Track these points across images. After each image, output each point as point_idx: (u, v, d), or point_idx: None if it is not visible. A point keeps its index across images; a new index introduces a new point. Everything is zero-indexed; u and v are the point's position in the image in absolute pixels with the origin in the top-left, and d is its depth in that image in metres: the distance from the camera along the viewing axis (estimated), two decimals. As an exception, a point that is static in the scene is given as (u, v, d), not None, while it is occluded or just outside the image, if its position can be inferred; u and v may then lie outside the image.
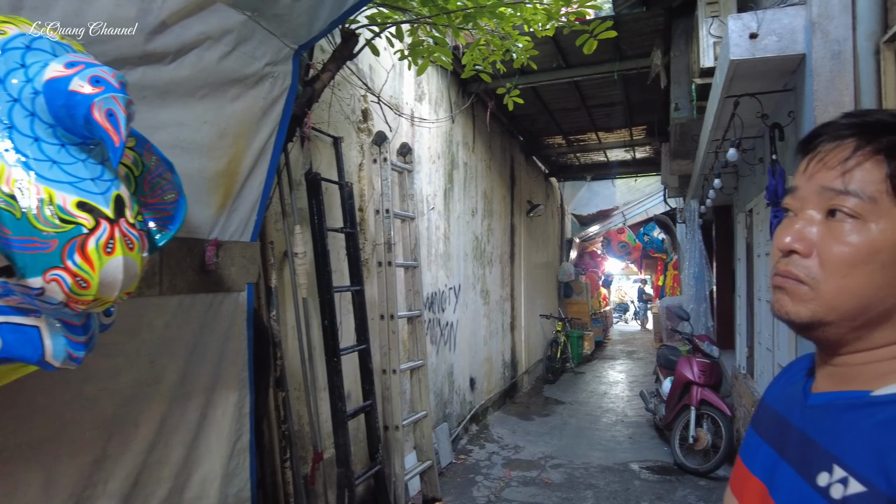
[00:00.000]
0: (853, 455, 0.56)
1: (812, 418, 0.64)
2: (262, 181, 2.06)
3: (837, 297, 0.60)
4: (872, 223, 0.57)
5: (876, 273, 0.57)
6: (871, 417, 0.57)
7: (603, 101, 6.54)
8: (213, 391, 1.97)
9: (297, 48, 2.04)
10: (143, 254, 1.08)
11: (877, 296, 0.58)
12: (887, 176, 0.56)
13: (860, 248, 0.58)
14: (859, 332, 0.61)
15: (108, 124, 0.93)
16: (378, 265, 3.57)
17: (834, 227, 0.60)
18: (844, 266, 0.59)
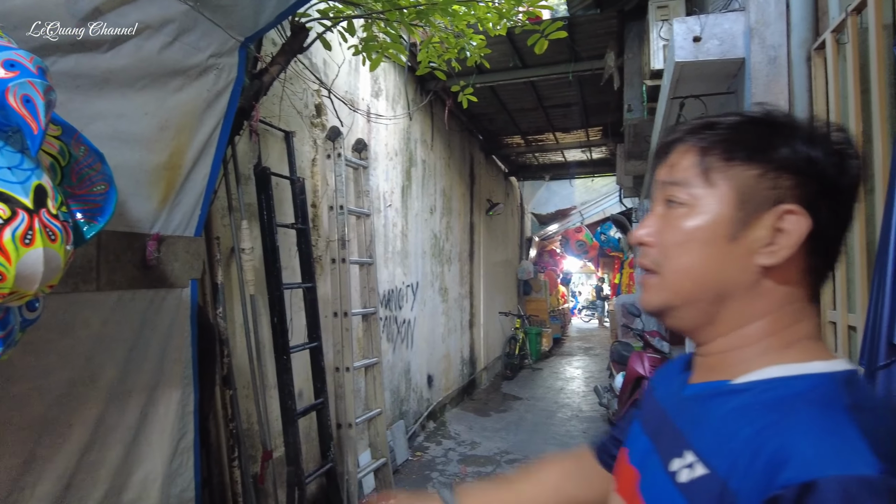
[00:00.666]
0: (702, 441, 0.59)
1: (683, 409, 0.67)
2: (206, 175, 2.02)
3: (676, 279, 0.64)
4: (694, 206, 0.63)
5: (702, 251, 0.62)
6: (725, 405, 0.60)
7: (559, 102, 6.64)
8: (155, 389, 1.92)
9: (244, 40, 2.00)
10: (68, 246, 1.05)
11: (707, 273, 0.63)
12: (697, 163, 0.63)
13: (685, 230, 0.63)
14: (707, 316, 0.65)
15: (25, 111, 0.90)
16: (332, 262, 3.54)
17: (668, 215, 0.65)
18: (676, 248, 0.64)
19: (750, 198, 0.60)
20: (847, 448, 0.49)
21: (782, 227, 0.60)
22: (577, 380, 8.96)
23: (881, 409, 0.55)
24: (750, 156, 0.61)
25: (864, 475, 0.47)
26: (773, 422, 0.54)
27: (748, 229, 0.61)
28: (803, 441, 0.50)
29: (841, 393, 0.55)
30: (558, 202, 12.07)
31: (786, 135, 0.61)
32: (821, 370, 0.59)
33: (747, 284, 0.62)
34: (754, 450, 0.53)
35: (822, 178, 0.60)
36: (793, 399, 0.56)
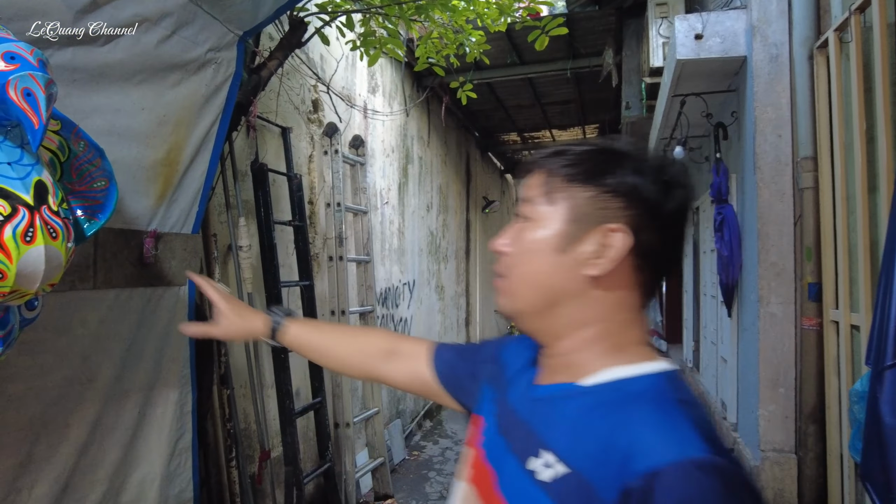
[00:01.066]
0: (558, 440, 0.65)
1: (534, 410, 0.72)
2: (203, 171, 1.99)
3: (518, 285, 0.72)
4: (537, 221, 0.71)
5: (538, 260, 0.70)
6: (575, 405, 0.66)
7: (557, 99, 6.63)
8: (153, 389, 1.89)
9: (242, 34, 1.97)
10: (69, 243, 1.02)
11: (541, 280, 0.70)
12: (543, 183, 0.71)
13: (528, 241, 0.71)
14: (546, 320, 0.72)
15: (26, 104, 0.87)
16: (329, 260, 3.51)
17: (518, 228, 0.73)
18: (519, 257, 0.72)
19: (581, 216, 0.68)
20: (682, 437, 0.57)
21: (607, 243, 0.67)
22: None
23: (697, 402, 0.64)
24: (585, 180, 0.68)
25: (696, 458, 0.55)
26: (620, 419, 0.61)
27: (578, 243, 0.68)
28: (648, 435, 0.58)
29: (669, 390, 0.64)
30: (554, 200, 12.07)
31: (617, 164, 0.68)
32: (652, 370, 0.67)
33: (576, 292, 0.69)
34: (607, 446, 0.59)
35: (645, 203, 0.67)
36: (633, 397, 0.63)
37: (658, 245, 0.68)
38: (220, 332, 1.10)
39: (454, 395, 0.97)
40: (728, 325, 3.11)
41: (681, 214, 0.69)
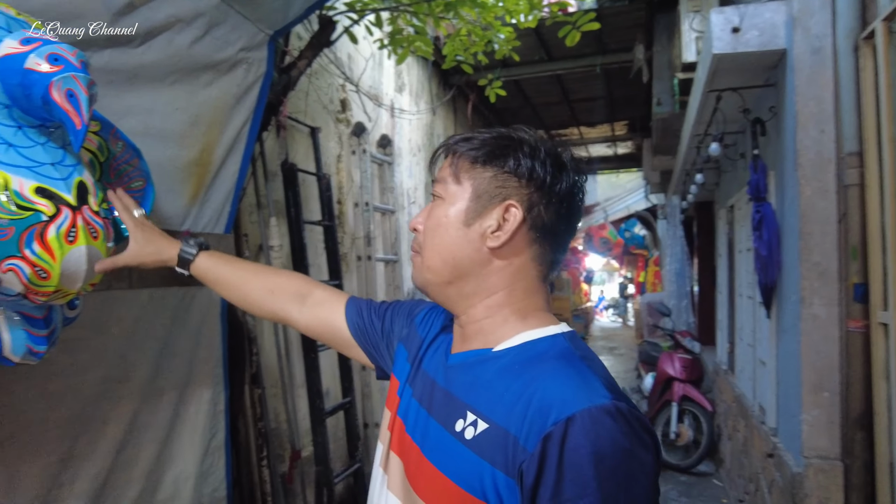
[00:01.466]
0: (479, 400, 0.72)
1: (451, 377, 0.79)
2: (235, 171, 2.00)
3: (429, 257, 0.79)
4: (445, 199, 0.79)
5: (445, 233, 0.77)
6: (491, 368, 0.74)
7: (585, 96, 6.55)
8: (186, 388, 1.91)
9: (273, 34, 1.97)
10: (109, 243, 1.02)
11: (449, 251, 0.77)
12: (450, 164, 0.79)
13: (437, 217, 0.79)
14: (456, 290, 0.79)
15: (69, 105, 0.87)
16: (357, 259, 3.52)
17: (432, 208, 0.81)
18: (430, 232, 0.79)
19: (483, 193, 0.76)
20: (588, 387, 0.65)
21: (505, 217, 0.75)
22: (601, 378, 8.85)
23: (595, 357, 0.74)
24: (486, 161, 0.77)
25: (603, 404, 0.63)
26: (533, 376, 0.68)
27: (481, 218, 0.76)
28: (559, 387, 0.65)
29: (571, 347, 0.73)
30: (581, 198, 11.92)
31: (515, 148, 0.76)
32: (553, 332, 0.76)
33: (481, 263, 0.77)
34: (525, 400, 0.66)
35: (537, 182, 0.75)
36: (540, 356, 0.71)
37: (549, 220, 0.77)
38: (129, 257, 1.09)
39: (365, 349, 1.02)
40: (766, 326, 3.02)
41: (569, 193, 0.77)
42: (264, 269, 1.20)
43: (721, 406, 4.70)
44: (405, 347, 0.93)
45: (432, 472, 0.73)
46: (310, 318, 1.06)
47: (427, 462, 0.74)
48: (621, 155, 9.73)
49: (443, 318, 0.92)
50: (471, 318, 0.79)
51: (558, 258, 0.81)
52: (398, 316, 1.00)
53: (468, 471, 0.68)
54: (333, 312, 1.04)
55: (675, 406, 4.74)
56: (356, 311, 1.03)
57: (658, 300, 8.15)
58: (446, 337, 0.86)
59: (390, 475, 0.82)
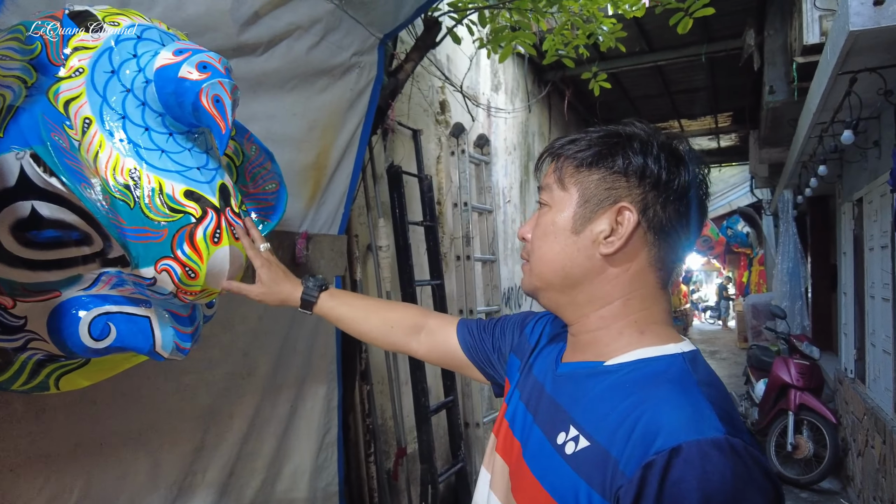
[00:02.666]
0: (584, 416, 0.68)
1: (559, 385, 0.76)
2: (349, 174, 2.05)
3: (538, 266, 0.77)
4: (552, 206, 0.76)
5: (554, 242, 0.75)
6: (600, 384, 0.69)
7: (687, 87, 6.22)
8: (303, 384, 1.98)
9: (383, 37, 2.00)
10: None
11: (558, 261, 0.74)
12: (554, 170, 0.77)
13: (544, 225, 0.76)
14: (566, 298, 0.76)
15: (216, 111, 0.91)
16: (456, 259, 3.52)
17: (538, 215, 0.79)
18: (538, 241, 0.77)
19: (591, 197, 0.72)
20: (700, 417, 0.60)
21: (618, 221, 0.71)
22: (703, 384, 8.38)
23: (718, 383, 0.67)
24: (593, 163, 0.73)
25: (714, 437, 0.57)
26: (642, 398, 0.63)
27: (591, 224, 0.72)
28: (668, 414, 0.60)
29: (690, 370, 0.66)
30: (680, 194, 11.35)
31: (623, 146, 0.72)
32: (672, 351, 0.69)
33: (594, 271, 0.73)
34: (631, 423, 0.61)
35: (649, 180, 0.70)
36: (654, 377, 0.66)
37: (668, 220, 0.71)
38: (255, 294, 1.11)
39: (479, 366, 1.02)
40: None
41: (688, 189, 0.71)
42: (380, 305, 1.23)
43: (847, 418, 4.30)
44: (516, 356, 0.92)
45: (530, 479, 0.71)
46: (428, 347, 1.09)
47: (526, 468, 0.73)
48: (724, 148, 9.18)
49: (555, 325, 0.89)
50: (584, 328, 0.75)
51: (679, 260, 0.76)
52: (508, 328, 1.00)
53: (565, 486, 0.66)
54: (447, 337, 1.06)
55: (791, 416, 4.38)
56: (467, 332, 1.04)
57: (765, 301, 7.61)
58: (558, 344, 0.84)
59: (494, 476, 0.81)
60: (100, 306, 0.98)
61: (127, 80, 0.94)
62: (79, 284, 0.97)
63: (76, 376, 1.04)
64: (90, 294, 0.98)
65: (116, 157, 0.91)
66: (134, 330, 0.99)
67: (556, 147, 0.78)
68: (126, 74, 0.94)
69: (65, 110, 0.90)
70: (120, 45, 0.94)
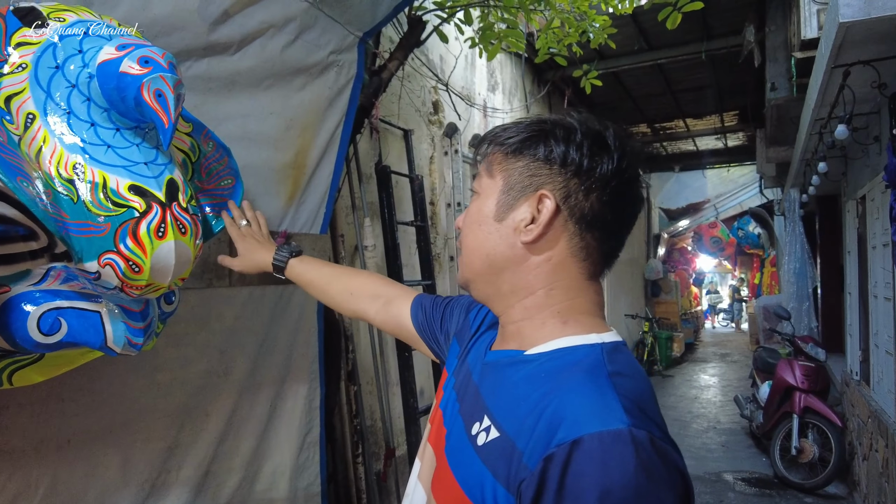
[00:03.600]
0: (498, 406, 0.67)
1: (485, 375, 0.74)
2: (330, 173, 2.04)
3: (467, 255, 0.76)
4: (479, 194, 0.76)
5: (479, 229, 0.74)
6: (518, 373, 0.68)
7: (690, 85, 6.17)
8: (284, 383, 1.97)
9: (362, 35, 2.00)
10: (197, 240, 1.06)
11: (483, 248, 0.73)
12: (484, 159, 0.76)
13: (472, 213, 0.76)
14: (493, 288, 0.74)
15: (157, 105, 0.91)
16: (450, 259, 3.51)
17: (469, 204, 0.78)
18: (466, 229, 0.76)
19: (514, 185, 0.71)
20: (604, 408, 0.57)
21: (538, 209, 0.69)
22: (713, 388, 8.30)
23: (635, 374, 0.65)
24: (517, 151, 0.72)
25: (616, 429, 0.55)
26: (552, 388, 0.62)
27: (512, 211, 0.71)
28: (573, 404, 0.59)
29: (604, 361, 0.64)
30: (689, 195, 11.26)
31: (547, 135, 0.70)
32: (593, 341, 0.67)
33: (516, 259, 0.71)
34: (537, 413, 0.60)
35: (571, 168, 0.69)
36: (568, 367, 0.64)
37: (592, 209, 0.69)
38: (236, 265, 1.28)
39: (427, 343, 1.02)
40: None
41: (614, 177, 0.69)
42: (346, 272, 1.26)
43: (853, 422, 4.22)
44: (458, 342, 0.91)
45: (446, 470, 0.70)
46: (384, 317, 1.10)
47: (444, 459, 0.72)
48: (732, 147, 9.08)
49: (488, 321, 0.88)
50: (509, 319, 0.74)
51: (612, 251, 0.74)
52: (456, 309, 0.99)
53: (473, 478, 0.65)
54: (401, 309, 1.07)
55: (795, 419, 4.31)
56: (419, 307, 1.05)
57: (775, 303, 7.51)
58: (493, 332, 0.83)
59: (423, 466, 0.80)
60: (50, 301, 0.98)
61: (72, 76, 0.94)
62: (28, 280, 0.97)
63: (30, 371, 1.04)
64: (40, 289, 0.98)
65: (60, 151, 0.91)
66: (85, 325, 0.99)
67: (490, 135, 0.77)
68: (70, 70, 0.94)
69: (6, 105, 0.90)
70: (64, 41, 0.95)
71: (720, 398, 7.49)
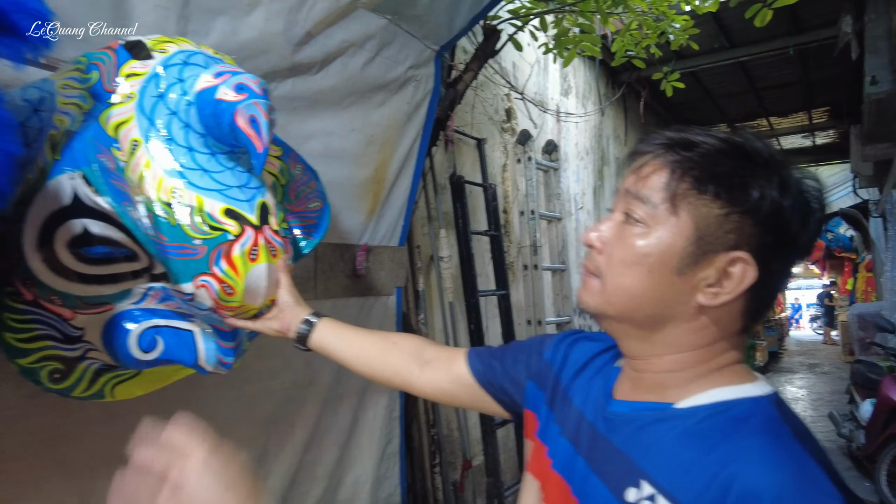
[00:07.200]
0: (659, 470, 0.58)
1: (617, 427, 0.65)
2: (408, 186, 2.06)
3: (613, 293, 0.64)
4: (651, 229, 0.61)
5: (645, 276, 0.61)
6: (673, 430, 0.59)
7: (775, 83, 5.83)
8: (365, 394, 2.00)
9: (439, 49, 2.00)
10: (288, 262, 1.08)
11: (645, 298, 0.62)
12: (666, 185, 0.60)
13: (635, 250, 0.62)
14: (640, 333, 0.65)
15: (251, 130, 0.93)
16: (524, 268, 3.46)
17: (624, 229, 0.64)
18: (621, 265, 0.63)
19: (707, 236, 0.59)
20: (809, 480, 0.51)
21: (731, 271, 0.59)
22: (802, 402, 7.78)
23: (811, 433, 0.57)
24: (719, 192, 0.59)
25: None
26: (731, 452, 0.54)
27: (697, 267, 0.60)
28: (770, 475, 0.51)
29: (780, 418, 0.57)
30: (773, 197, 10.63)
31: (761, 176, 0.58)
32: (752, 393, 0.60)
33: (685, 317, 0.62)
34: (722, 483, 0.53)
35: (782, 230, 0.59)
36: (738, 425, 0.57)
37: (780, 272, 0.61)
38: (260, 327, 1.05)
39: (494, 395, 0.90)
40: None
41: (810, 247, 0.61)
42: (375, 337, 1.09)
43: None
44: (537, 385, 0.82)
45: None
46: (434, 381, 0.96)
47: None
48: (821, 146, 8.52)
49: (585, 346, 0.79)
50: (651, 367, 0.65)
51: (769, 305, 0.64)
52: (522, 353, 0.88)
53: None
54: (453, 367, 0.94)
55: (905, 441, 3.96)
56: (480, 361, 0.93)
57: (873, 311, 6.95)
58: (603, 372, 0.73)
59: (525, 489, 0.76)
60: (148, 319, 1.03)
61: (172, 104, 0.98)
62: (129, 298, 1.02)
63: (131, 385, 1.10)
64: (140, 307, 1.03)
65: (161, 176, 0.95)
66: (179, 343, 1.03)
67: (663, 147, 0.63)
68: (171, 98, 0.98)
69: (115, 133, 0.95)
70: (167, 71, 0.99)
71: (811, 413, 7.00)
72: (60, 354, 1.02)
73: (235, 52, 1.38)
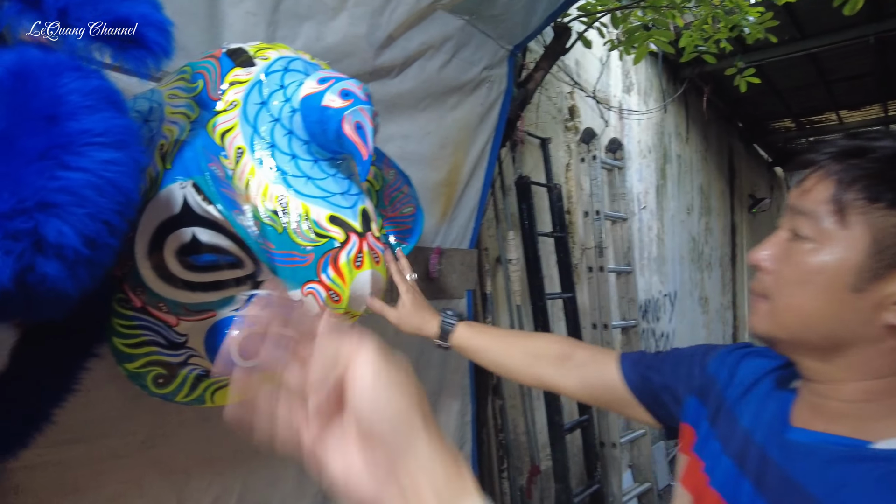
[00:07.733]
0: None
1: (796, 458, 0.59)
2: (479, 188, 2.04)
3: (785, 314, 0.61)
4: (821, 245, 0.58)
5: (819, 296, 0.58)
6: (870, 473, 0.53)
7: (847, 74, 5.54)
8: (438, 398, 1.99)
9: (512, 48, 1.97)
10: (388, 267, 1.07)
11: (821, 320, 0.58)
12: (832, 197, 0.57)
13: (806, 268, 0.59)
14: (820, 357, 0.60)
15: (357, 137, 0.92)
16: (588, 270, 3.39)
17: (792, 247, 0.61)
18: (791, 285, 0.60)
19: (889, 248, 0.55)
20: None
21: None
22: None
23: None
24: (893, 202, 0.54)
25: None
26: None
27: (880, 282, 0.55)
28: None
29: None
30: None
31: None
32: None
33: (871, 339, 0.57)
34: None
35: None
36: None
37: None
38: (393, 317, 1.12)
39: (647, 405, 0.87)
40: None
41: None
42: (522, 336, 1.15)
43: None
44: (699, 399, 0.78)
45: None
46: (578, 382, 0.96)
47: None
48: (896, 139, 8.06)
49: (763, 361, 0.74)
50: (834, 394, 0.60)
51: None
52: (683, 364, 0.85)
53: None
54: (604, 371, 0.93)
55: None
56: (633, 368, 0.90)
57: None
58: (779, 393, 0.68)
59: None
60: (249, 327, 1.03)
61: (275, 110, 0.98)
62: (232, 305, 1.03)
63: (228, 391, 1.11)
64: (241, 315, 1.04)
65: (266, 184, 0.96)
66: (280, 350, 1.03)
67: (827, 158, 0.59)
68: (274, 105, 0.98)
69: (221, 141, 0.96)
70: (269, 78, 1.00)
71: None
72: (164, 360, 1.03)
73: (320, 56, 1.38)
